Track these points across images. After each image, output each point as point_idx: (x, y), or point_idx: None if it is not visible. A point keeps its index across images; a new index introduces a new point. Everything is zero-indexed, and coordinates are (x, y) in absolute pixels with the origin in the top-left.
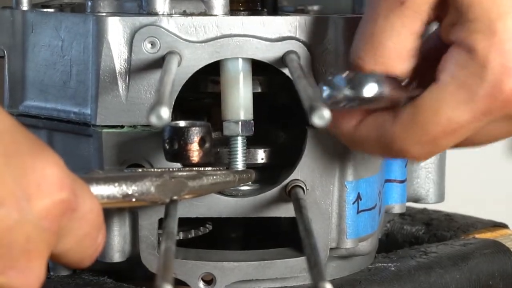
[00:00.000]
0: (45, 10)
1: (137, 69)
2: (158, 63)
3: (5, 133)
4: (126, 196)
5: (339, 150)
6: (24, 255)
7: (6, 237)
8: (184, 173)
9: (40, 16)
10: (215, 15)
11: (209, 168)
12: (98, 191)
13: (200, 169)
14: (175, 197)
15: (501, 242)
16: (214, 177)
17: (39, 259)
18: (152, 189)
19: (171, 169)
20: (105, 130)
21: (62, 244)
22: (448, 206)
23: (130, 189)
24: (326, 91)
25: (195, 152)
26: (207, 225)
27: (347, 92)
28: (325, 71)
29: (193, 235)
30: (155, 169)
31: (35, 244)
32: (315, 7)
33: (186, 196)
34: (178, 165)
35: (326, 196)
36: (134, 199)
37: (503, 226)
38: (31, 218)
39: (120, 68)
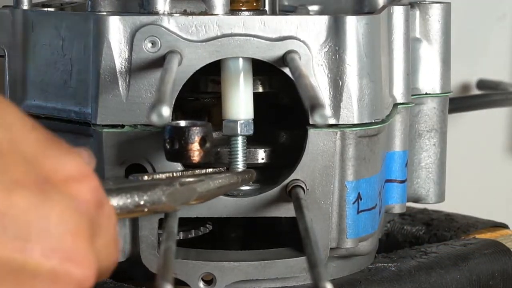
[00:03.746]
0: (45, 9)
1: (138, 68)
2: (159, 63)
3: (35, 129)
4: (138, 207)
5: (339, 150)
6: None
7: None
8: (192, 179)
9: (40, 15)
10: (216, 15)
11: (210, 170)
12: (112, 203)
13: (202, 171)
14: (185, 202)
15: (501, 242)
16: (220, 180)
17: (87, 242)
18: (163, 198)
19: (177, 174)
20: (105, 130)
21: (95, 243)
22: (448, 206)
23: (142, 199)
24: None
25: (195, 152)
26: (207, 225)
27: None
28: (326, 71)
29: (193, 235)
30: (159, 175)
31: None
32: (315, 7)
33: (193, 202)
34: (179, 165)
35: (326, 196)
36: (146, 209)
37: (503, 226)
38: (72, 203)
39: (121, 67)
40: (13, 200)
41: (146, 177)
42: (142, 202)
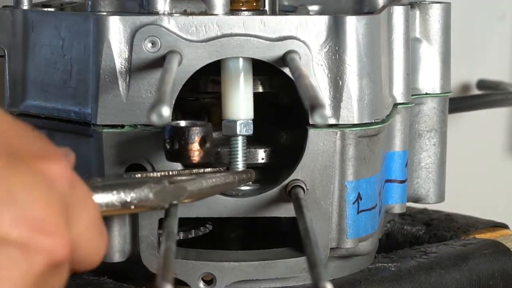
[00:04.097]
0: (45, 9)
1: (138, 69)
2: (159, 63)
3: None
4: (125, 204)
5: (339, 150)
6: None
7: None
8: (183, 177)
9: (40, 16)
10: (216, 15)
11: (209, 170)
12: (97, 200)
13: (200, 171)
14: (174, 202)
15: (501, 242)
16: (214, 179)
17: (58, 214)
18: (151, 195)
19: (170, 173)
20: (105, 130)
21: (71, 226)
22: (448, 206)
23: (128, 196)
24: None
25: (195, 152)
26: (207, 225)
27: None
28: (326, 71)
29: (193, 235)
30: (154, 173)
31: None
32: (315, 7)
33: (186, 201)
34: (179, 165)
35: (326, 196)
36: (133, 206)
37: (503, 226)
38: (40, 176)
39: (121, 67)
40: None
41: (139, 175)
42: (128, 199)
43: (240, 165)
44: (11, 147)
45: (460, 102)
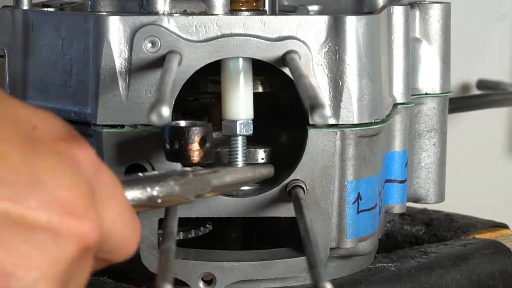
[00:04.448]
0: (45, 9)
1: (138, 69)
2: (159, 63)
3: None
4: (151, 198)
5: (339, 150)
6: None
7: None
8: (206, 170)
9: (40, 16)
10: (216, 15)
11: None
12: None
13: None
14: (198, 193)
15: (501, 242)
16: (236, 173)
17: (85, 197)
18: (177, 188)
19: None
20: (105, 130)
21: (101, 212)
22: (448, 206)
23: (154, 190)
24: None
25: (195, 152)
26: (207, 225)
27: None
28: (326, 71)
29: (193, 235)
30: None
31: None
32: (315, 7)
33: (208, 195)
34: (179, 165)
35: (326, 196)
36: (159, 200)
37: (503, 226)
38: (64, 159)
39: (121, 67)
40: (3, 155)
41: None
42: (155, 193)
43: (240, 165)
44: (34, 133)
45: (460, 102)
